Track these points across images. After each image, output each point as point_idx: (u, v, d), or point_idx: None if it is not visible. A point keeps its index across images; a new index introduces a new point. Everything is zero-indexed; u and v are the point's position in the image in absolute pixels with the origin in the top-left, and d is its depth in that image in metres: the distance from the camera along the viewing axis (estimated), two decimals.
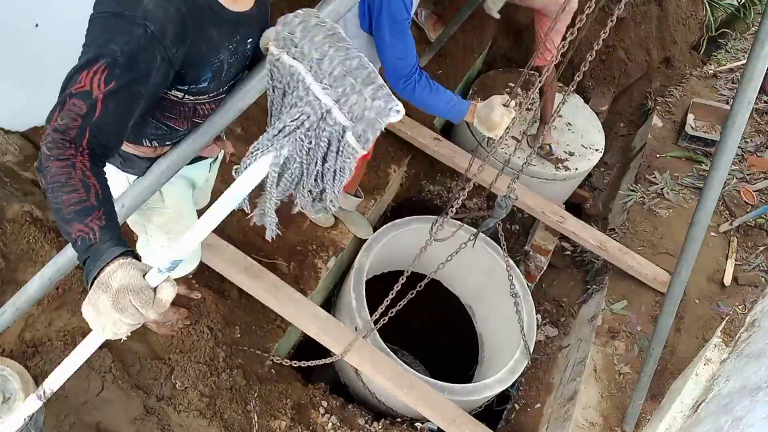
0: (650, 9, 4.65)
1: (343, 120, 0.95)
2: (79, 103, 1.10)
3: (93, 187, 1.08)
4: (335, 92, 0.94)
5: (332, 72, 0.94)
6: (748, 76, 1.76)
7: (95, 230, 1.04)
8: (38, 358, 2.08)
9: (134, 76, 1.13)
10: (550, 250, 3.67)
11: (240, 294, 2.69)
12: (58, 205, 1.07)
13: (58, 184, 1.07)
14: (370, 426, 2.65)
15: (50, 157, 1.08)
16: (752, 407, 1.65)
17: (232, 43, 1.31)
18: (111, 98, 1.12)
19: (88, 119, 1.11)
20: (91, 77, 1.10)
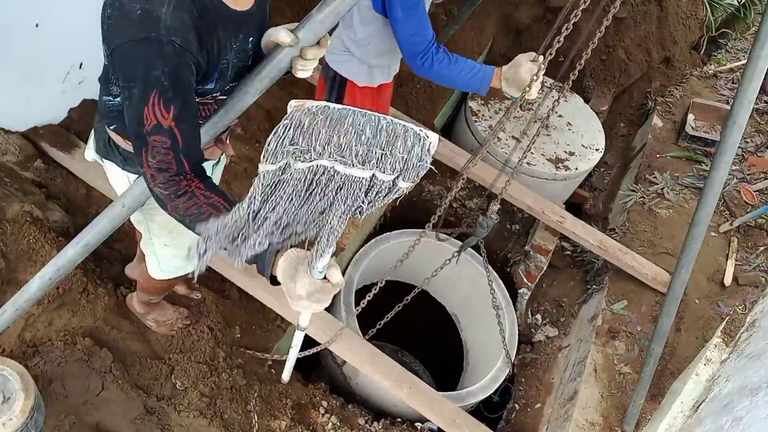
0: (650, 9, 4.65)
1: (389, 178, 0.95)
2: (159, 138, 1.18)
3: (219, 204, 1.22)
4: (370, 165, 0.93)
5: (356, 154, 0.92)
6: (749, 76, 1.76)
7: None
8: (38, 358, 2.08)
9: (184, 92, 1.19)
10: (550, 250, 3.67)
11: (240, 294, 2.69)
12: (197, 227, 1.21)
13: (194, 216, 1.21)
14: (370, 426, 2.65)
15: (171, 196, 1.22)
16: (752, 407, 1.65)
17: (236, 42, 1.32)
18: (181, 121, 1.19)
19: (176, 148, 1.20)
20: (153, 111, 1.16)
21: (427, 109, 3.79)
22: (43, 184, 2.52)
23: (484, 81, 1.98)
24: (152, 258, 1.91)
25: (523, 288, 3.76)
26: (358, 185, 0.95)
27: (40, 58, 2.38)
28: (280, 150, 0.91)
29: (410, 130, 0.93)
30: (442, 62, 1.97)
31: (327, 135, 0.91)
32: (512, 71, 1.93)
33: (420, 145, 0.93)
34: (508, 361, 3.06)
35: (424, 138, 0.93)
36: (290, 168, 0.94)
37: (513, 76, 1.93)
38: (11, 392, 1.73)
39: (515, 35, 4.49)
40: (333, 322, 2.60)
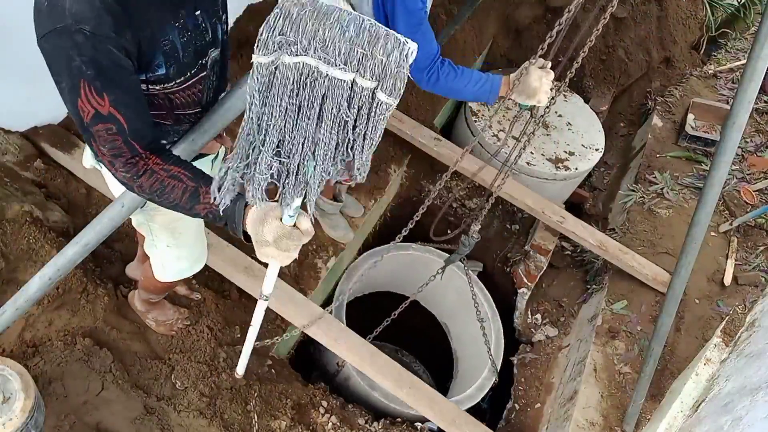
0: (650, 9, 4.65)
1: (368, 84, 0.96)
2: (102, 126, 1.17)
3: (180, 174, 1.23)
4: (351, 66, 0.95)
5: (339, 52, 0.94)
6: (748, 77, 1.76)
7: (211, 202, 1.19)
8: (38, 358, 2.08)
9: (114, 78, 1.15)
10: (550, 250, 3.67)
11: (240, 294, 2.69)
12: (172, 203, 1.24)
13: (159, 191, 1.22)
14: (370, 426, 2.65)
15: (133, 177, 1.22)
16: (752, 407, 1.65)
17: (177, 20, 1.27)
18: (120, 105, 1.16)
19: (123, 133, 1.18)
20: (88, 100, 1.14)
21: (427, 109, 3.79)
22: (43, 184, 2.52)
23: (493, 91, 1.97)
24: (156, 260, 1.90)
25: (523, 288, 3.75)
26: (340, 90, 0.97)
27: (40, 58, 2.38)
28: (270, 40, 0.94)
29: (391, 35, 0.94)
30: (449, 75, 1.95)
31: (313, 27, 0.93)
32: (521, 79, 1.91)
33: (399, 49, 0.93)
34: (494, 370, 3.13)
35: (404, 43, 0.94)
36: (280, 65, 0.97)
37: (523, 85, 1.91)
38: (11, 392, 1.73)
39: (515, 35, 4.49)
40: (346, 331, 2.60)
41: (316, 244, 3.02)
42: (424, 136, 3.48)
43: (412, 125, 3.49)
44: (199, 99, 1.46)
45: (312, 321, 2.51)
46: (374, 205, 3.32)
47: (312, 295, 2.85)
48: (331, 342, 2.56)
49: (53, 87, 1.20)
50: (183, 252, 1.86)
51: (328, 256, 3.02)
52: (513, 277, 3.85)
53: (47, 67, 1.17)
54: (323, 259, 2.99)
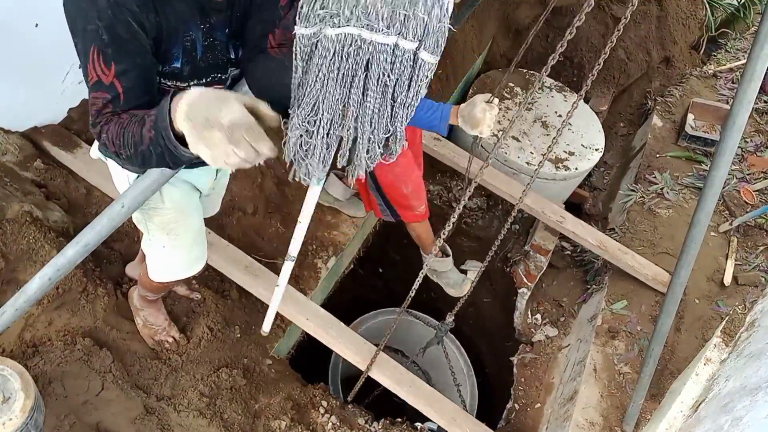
0: (650, 9, 4.65)
1: (411, 45, 0.96)
2: (100, 94, 1.16)
3: (138, 111, 1.15)
4: (395, 29, 0.95)
5: (382, 16, 0.94)
6: (748, 77, 1.76)
7: (150, 113, 1.08)
8: (38, 358, 2.08)
9: (126, 50, 1.15)
10: (550, 250, 3.67)
11: (240, 294, 2.69)
12: (129, 141, 1.11)
13: (119, 131, 1.13)
14: (370, 426, 2.65)
15: (104, 125, 1.16)
16: (752, 407, 1.65)
17: (204, 23, 1.29)
18: (124, 77, 1.16)
19: (117, 101, 1.16)
20: (94, 66, 1.14)
21: None
22: (43, 184, 2.52)
23: (443, 119, 2.11)
24: (151, 260, 1.90)
25: (523, 288, 3.75)
26: (384, 55, 0.96)
27: (40, 58, 2.38)
28: (312, 13, 0.96)
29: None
30: None
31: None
32: (467, 110, 2.04)
33: (439, 5, 0.94)
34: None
35: (443, 0, 0.95)
36: (322, 38, 0.97)
37: (468, 115, 2.04)
38: (11, 392, 1.73)
39: (515, 35, 4.49)
40: (346, 331, 2.60)
41: (316, 244, 3.02)
42: (424, 136, 3.48)
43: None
44: None
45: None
46: None
47: (312, 294, 2.85)
48: (332, 341, 2.56)
49: (53, 87, 1.21)
50: (178, 253, 1.85)
51: (328, 256, 3.02)
52: (513, 277, 3.85)
53: (68, 26, 1.18)
54: (323, 259, 2.99)
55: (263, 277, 2.58)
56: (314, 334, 2.60)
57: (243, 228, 2.87)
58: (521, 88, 4.21)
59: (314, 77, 1.02)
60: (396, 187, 2.60)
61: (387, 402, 2.94)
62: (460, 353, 3.85)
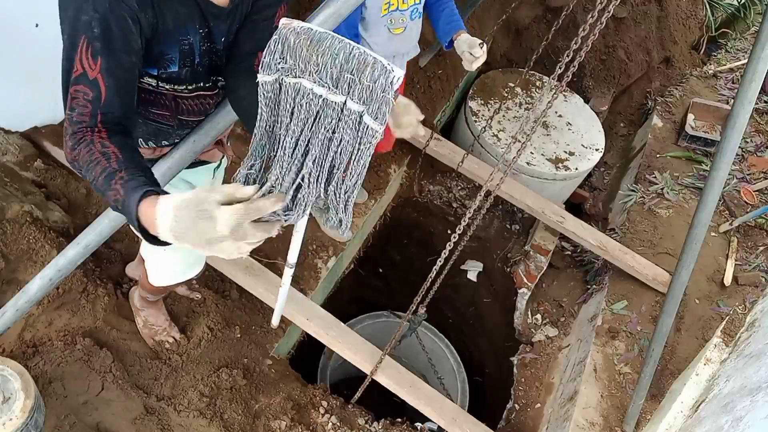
0: (650, 9, 4.65)
1: (357, 107, 1.01)
2: (82, 88, 1.12)
3: (113, 154, 1.08)
4: (342, 90, 1.01)
5: (331, 76, 1.00)
6: (749, 78, 1.76)
7: (119, 190, 1.03)
8: (38, 358, 2.08)
9: (116, 46, 1.12)
10: (550, 250, 3.67)
11: (240, 294, 2.69)
12: (93, 182, 1.08)
13: (87, 164, 1.08)
14: (370, 426, 2.65)
15: (74, 146, 1.11)
16: (752, 407, 1.65)
17: (203, 28, 1.27)
18: (108, 75, 1.12)
19: (97, 103, 1.12)
20: (80, 58, 1.11)
21: (428, 109, 3.79)
22: (43, 184, 2.52)
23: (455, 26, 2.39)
24: (150, 264, 1.90)
25: (523, 288, 3.75)
26: (331, 111, 1.03)
27: (40, 58, 2.38)
28: (272, 63, 1.03)
29: (378, 62, 0.99)
30: None
31: (308, 53, 1.01)
32: (469, 42, 2.29)
33: (385, 76, 0.99)
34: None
35: (390, 71, 0.99)
36: (283, 83, 1.04)
37: (459, 52, 2.27)
38: (11, 392, 1.73)
39: (515, 35, 4.49)
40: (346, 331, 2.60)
41: (316, 244, 3.02)
42: (424, 136, 3.48)
43: None
44: (206, 110, 1.45)
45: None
46: (374, 205, 3.32)
47: (312, 295, 2.85)
48: (332, 341, 2.56)
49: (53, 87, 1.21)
50: (178, 256, 1.85)
51: (328, 256, 3.02)
52: (513, 277, 3.85)
53: (59, 13, 1.15)
54: (323, 259, 2.99)
55: (263, 277, 2.58)
56: (314, 335, 2.60)
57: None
58: (521, 88, 4.21)
59: (285, 120, 1.07)
60: None
61: (387, 402, 2.94)
62: (449, 350, 3.93)
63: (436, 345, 3.99)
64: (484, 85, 4.14)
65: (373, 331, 3.83)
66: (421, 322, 2.68)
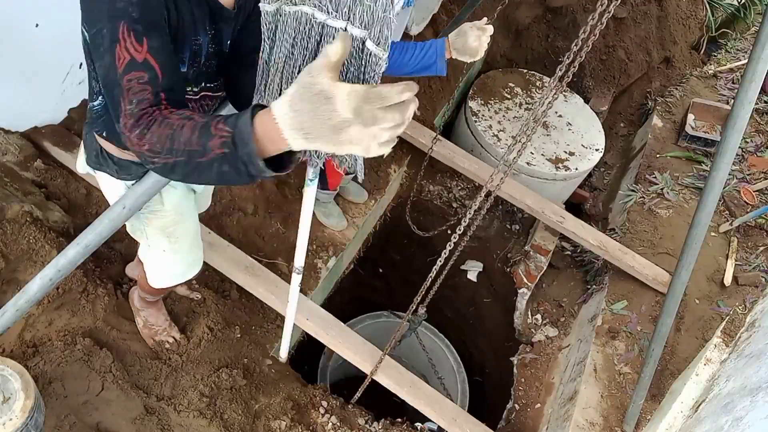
0: (650, 9, 4.65)
1: (358, 33, 0.99)
2: (135, 74, 1.05)
3: (193, 115, 1.01)
4: (342, 14, 0.99)
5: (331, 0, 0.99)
6: (749, 78, 1.76)
7: (224, 128, 0.94)
8: (38, 358, 2.08)
9: (156, 25, 1.10)
10: (550, 250, 3.67)
11: (240, 294, 2.69)
12: (184, 150, 0.97)
13: (169, 137, 0.98)
14: (370, 426, 2.65)
15: (144, 132, 1.00)
16: (752, 407, 1.65)
17: (212, 30, 1.28)
18: (157, 54, 1.08)
19: (156, 82, 1.06)
20: (126, 45, 1.05)
21: (428, 109, 3.79)
22: (43, 184, 2.52)
23: (440, 56, 2.06)
24: (150, 266, 1.90)
25: (523, 288, 3.75)
26: (333, 37, 1.02)
27: (40, 58, 2.38)
28: None
29: None
30: (395, 50, 2.04)
31: None
32: (460, 41, 2.03)
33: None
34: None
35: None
36: (283, 12, 1.05)
37: (462, 46, 2.03)
38: (11, 392, 1.73)
39: (515, 35, 4.49)
40: (346, 331, 2.61)
41: (316, 244, 3.02)
42: (424, 136, 3.48)
43: (412, 125, 3.49)
44: (209, 111, 1.46)
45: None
46: (374, 205, 3.32)
47: (312, 295, 2.85)
48: (332, 341, 2.56)
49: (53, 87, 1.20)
50: (178, 257, 1.85)
51: (328, 256, 3.02)
52: (513, 277, 3.85)
53: (86, 20, 1.10)
54: (323, 259, 2.99)
55: (263, 277, 2.58)
56: (314, 335, 2.60)
57: (243, 228, 2.87)
58: (521, 88, 4.21)
59: (278, 51, 1.07)
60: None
61: (387, 402, 2.94)
62: (449, 351, 3.96)
63: (436, 345, 3.99)
64: (484, 85, 4.14)
65: (373, 331, 3.83)
66: (421, 322, 2.68)
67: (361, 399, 2.67)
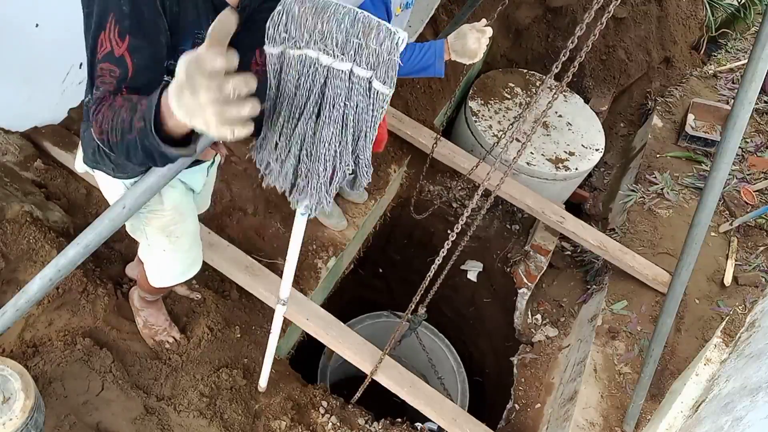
0: (650, 9, 4.65)
1: (365, 73, 1.02)
2: (108, 66, 1.11)
3: (134, 97, 1.07)
4: (349, 56, 1.01)
5: (336, 43, 1.01)
6: (749, 78, 1.76)
7: (143, 104, 1.00)
8: (38, 358, 2.08)
9: (144, 24, 1.12)
10: (550, 250, 3.67)
11: (240, 294, 2.69)
12: (119, 129, 1.04)
13: (111, 120, 1.06)
14: (370, 426, 2.65)
15: (96, 118, 1.09)
16: (752, 407, 1.65)
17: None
18: (135, 53, 1.12)
19: (123, 80, 1.11)
20: (109, 36, 1.10)
21: (428, 109, 3.79)
22: (43, 184, 2.52)
23: (438, 57, 2.04)
24: (151, 266, 1.90)
25: (523, 288, 3.75)
26: (339, 81, 1.03)
27: (40, 58, 2.38)
28: (276, 35, 1.03)
29: (383, 25, 1.00)
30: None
31: (313, 21, 1.01)
32: (459, 44, 2.01)
33: (390, 38, 0.99)
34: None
35: (395, 33, 1.00)
36: (287, 56, 1.05)
37: (462, 49, 2.00)
38: (11, 392, 1.73)
39: (515, 35, 4.49)
40: (346, 331, 2.60)
41: (316, 244, 3.02)
42: (424, 136, 3.48)
43: (412, 125, 3.49)
44: None
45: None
46: (374, 206, 3.32)
47: (312, 294, 2.85)
48: (332, 341, 2.56)
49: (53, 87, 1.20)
50: (178, 257, 1.85)
51: (328, 256, 3.01)
52: (513, 277, 3.85)
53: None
54: (323, 259, 2.99)
55: (263, 277, 2.57)
56: (314, 335, 2.60)
57: (243, 228, 2.87)
58: (521, 88, 4.21)
59: (282, 91, 1.09)
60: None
61: (387, 402, 2.94)
62: (449, 351, 3.97)
63: (436, 345, 3.99)
64: (484, 85, 4.14)
65: (373, 331, 3.83)
66: (421, 322, 2.68)
67: (361, 399, 2.67)
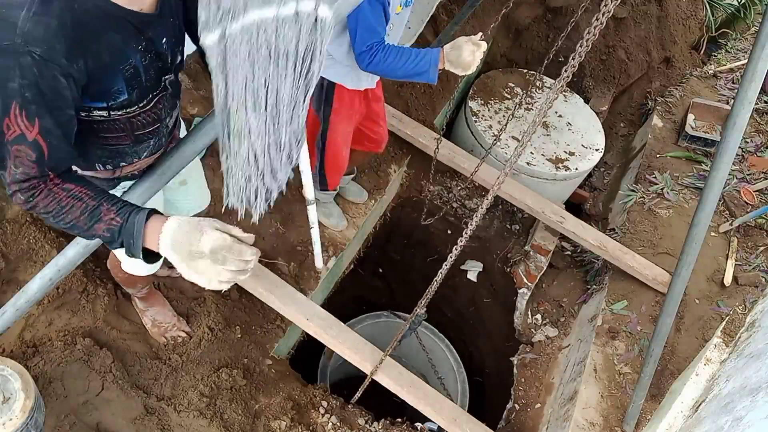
0: (650, 9, 4.65)
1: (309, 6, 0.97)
2: (22, 149, 1.11)
3: (83, 194, 1.17)
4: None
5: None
6: (749, 78, 1.76)
7: (115, 218, 1.14)
8: (38, 358, 2.08)
9: (52, 105, 1.10)
10: (550, 250, 3.67)
11: (240, 294, 2.69)
12: (69, 224, 1.17)
13: (55, 212, 1.16)
14: (370, 426, 2.65)
15: (28, 199, 1.15)
16: (752, 407, 1.65)
17: (140, 42, 1.22)
18: (48, 135, 1.12)
19: (42, 162, 1.13)
20: (16, 121, 1.08)
21: (428, 109, 3.79)
22: None
23: (432, 64, 2.07)
24: (121, 253, 1.87)
25: (523, 288, 3.75)
26: (289, 28, 0.97)
27: None
28: (212, 15, 0.96)
29: None
30: (389, 55, 2.07)
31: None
32: (455, 54, 2.04)
33: None
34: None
35: None
36: (228, 38, 0.97)
37: (456, 59, 2.03)
38: (11, 392, 1.73)
39: (515, 35, 4.49)
40: (346, 331, 2.60)
41: None
42: (424, 136, 3.48)
43: (412, 125, 3.49)
44: (159, 116, 1.43)
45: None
46: (374, 205, 3.32)
47: (312, 295, 2.85)
48: (332, 341, 2.56)
49: None
50: None
51: (328, 256, 3.02)
52: (513, 277, 3.85)
53: None
54: (323, 259, 2.99)
55: (263, 277, 2.57)
56: (314, 335, 2.60)
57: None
58: (521, 88, 4.21)
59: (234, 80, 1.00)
60: (338, 153, 2.59)
61: (387, 402, 2.94)
62: (449, 350, 3.98)
63: (436, 345, 3.99)
64: (484, 85, 4.14)
65: (374, 331, 3.83)
66: (421, 322, 2.68)
67: (361, 399, 2.67)
